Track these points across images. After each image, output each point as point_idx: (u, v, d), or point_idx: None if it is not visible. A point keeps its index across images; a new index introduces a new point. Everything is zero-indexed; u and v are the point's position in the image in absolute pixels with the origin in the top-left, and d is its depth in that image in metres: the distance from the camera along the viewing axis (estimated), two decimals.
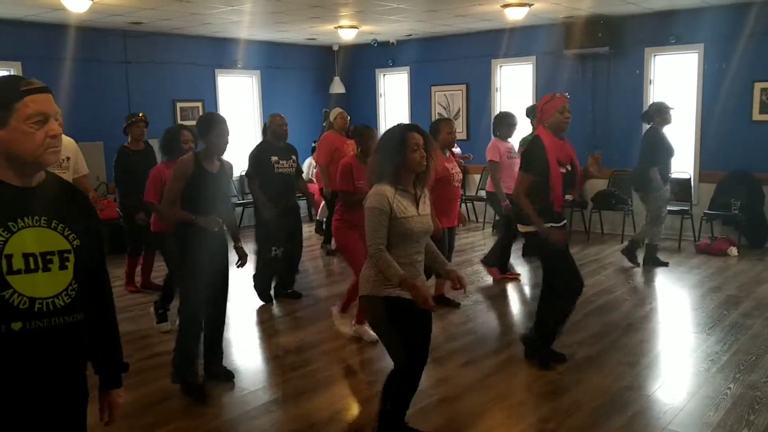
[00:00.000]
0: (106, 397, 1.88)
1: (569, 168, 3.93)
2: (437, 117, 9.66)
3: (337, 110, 7.25)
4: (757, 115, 7.45)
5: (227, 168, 3.92)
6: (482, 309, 5.50)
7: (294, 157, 5.57)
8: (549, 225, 3.88)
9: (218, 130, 3.73)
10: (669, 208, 6.74)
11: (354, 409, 3.78)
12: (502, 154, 5.95)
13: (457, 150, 7.76)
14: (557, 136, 3.93)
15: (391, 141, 2.83)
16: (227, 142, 3.77)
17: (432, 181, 2.99)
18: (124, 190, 5.85)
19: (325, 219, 7.67)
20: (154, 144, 6.01)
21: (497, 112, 9.27)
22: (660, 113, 6.29)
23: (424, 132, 2.87)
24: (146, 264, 6.05)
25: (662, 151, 6.32)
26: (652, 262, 6.63)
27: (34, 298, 1.59)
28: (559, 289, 4.02)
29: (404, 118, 10.12)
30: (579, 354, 4.34)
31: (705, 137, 7.74)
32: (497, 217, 7.78)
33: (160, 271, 6.26)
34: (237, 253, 3.98)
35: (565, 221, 4.05)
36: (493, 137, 6.22)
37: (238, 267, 4.01)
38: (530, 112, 6.33)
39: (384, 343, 2.98)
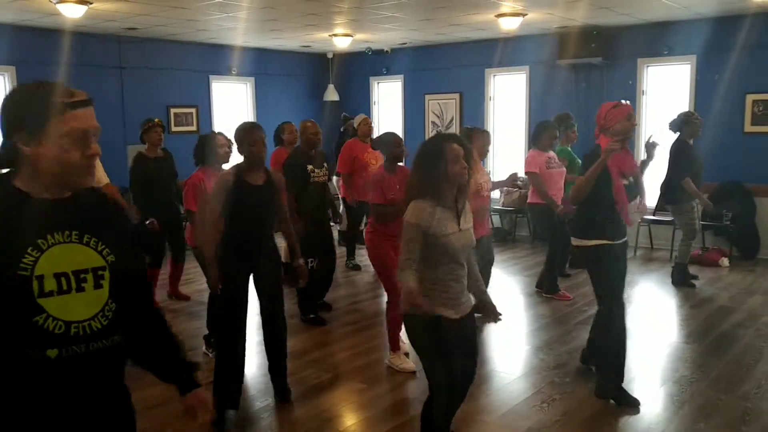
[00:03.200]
0: (192, 399, 1.77)
1: (631, 180, 3.69)
2: (431, 126, 9.73)
3: (360, 116, 7.06)
4: (749, 127, 7.50)
5: (276, 181, 3.72)
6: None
7: (326, 165, 5.31)
8: (603, 242, 3.60)
9: (251, 137, 3.56)
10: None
11: (345, 417, 3.76)
12: (540, 165, 5.72)
13: None
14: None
15: (428, 153, 2.72)
16: (262, 150, 3.59)
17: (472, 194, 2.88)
18: (138, 198, 5.65)
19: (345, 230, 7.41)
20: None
21: (491, 121, 9.36)
22: (688, 124, 6.10)
23: (464, 142, 2.77)
24: (174, 273, 5.87)
25: (692, 162, 6.12)
26: (686, 279, 6.38)
27: (70, 321, 1.46)
28: (617, 311, 3.68)
29: (398, 126, 10.14)
30: (570, 364, 4.34)
31: (697, 148, 7.75)
32: (538, 230, 7.66)
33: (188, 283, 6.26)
34: (296, 271, 3.78)
35: (625, 239, 3.76)
36: (531, 148, 5.95)
37: (299, 286, 3.95)
38: (563, 121, 6.17)
39: (422, 362, 2.87)
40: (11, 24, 7.12)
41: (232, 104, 9.68)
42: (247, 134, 3.59)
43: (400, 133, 10.00)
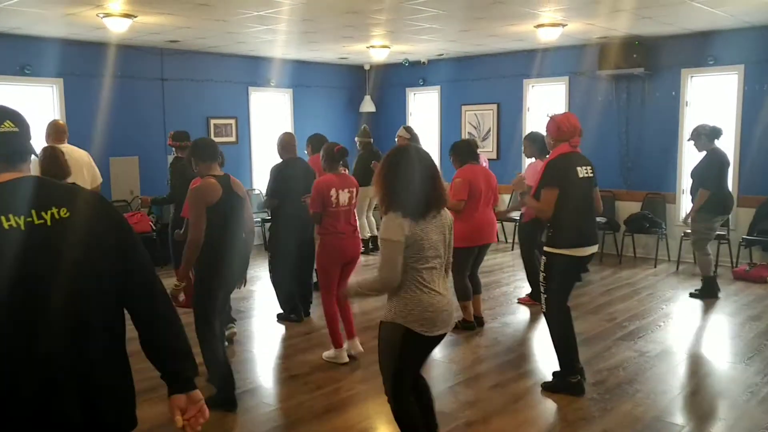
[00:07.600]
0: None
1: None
2: (468, 136, 9.66)
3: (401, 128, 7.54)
4: None
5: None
6: (511, 332, 5.41)
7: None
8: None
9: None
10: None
11: (380, 428, 3.72)
12: None
13: (484, 164, 7.72)
14: None
15: (414, 169, 2.75)
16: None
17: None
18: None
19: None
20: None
21: (528, 132, 9.24)
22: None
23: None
24: None
25: None
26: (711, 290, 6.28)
27: None
28: (558, 311, 4.01)
29: (434, 138, 10.12)
30: (609, 381, 4.23)
31: (744, 160, 7.55)
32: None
33: None
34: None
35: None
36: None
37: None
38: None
39: (382, 367, 2.97)
40: (59, 38, 7.35)
41: (270, 115, 9.80)
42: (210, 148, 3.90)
43: (435, 144, 10.02)
